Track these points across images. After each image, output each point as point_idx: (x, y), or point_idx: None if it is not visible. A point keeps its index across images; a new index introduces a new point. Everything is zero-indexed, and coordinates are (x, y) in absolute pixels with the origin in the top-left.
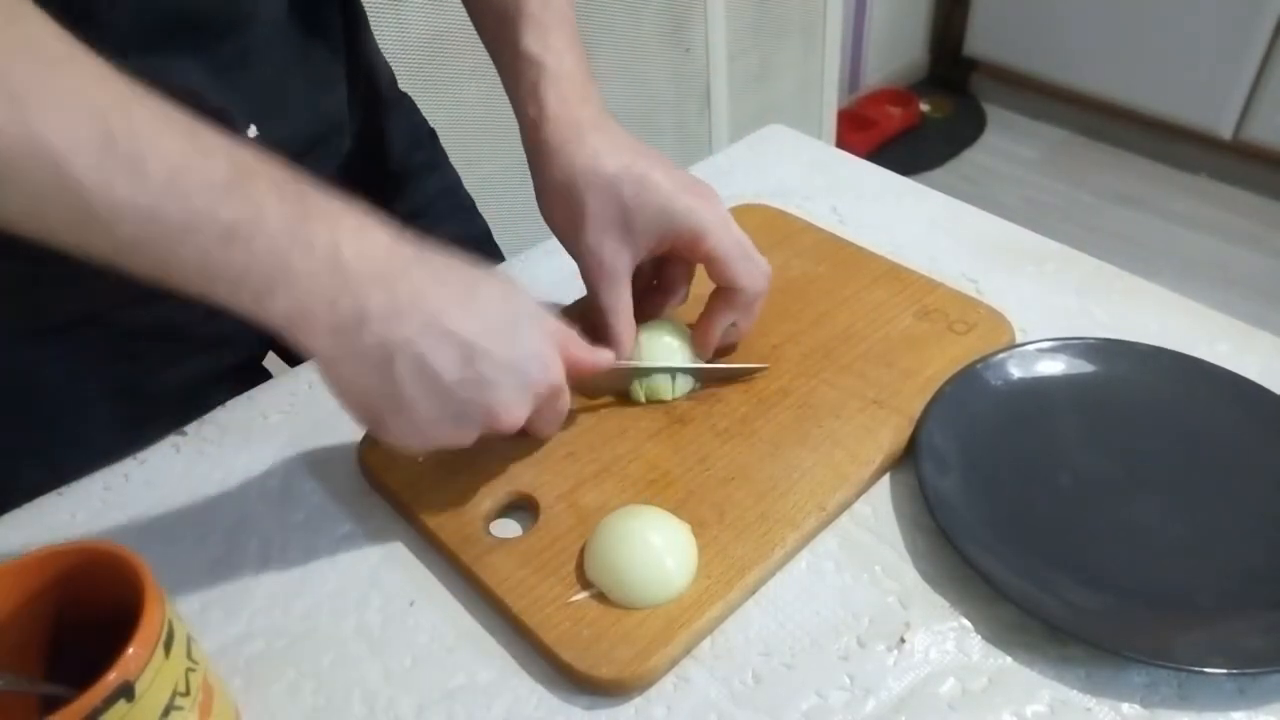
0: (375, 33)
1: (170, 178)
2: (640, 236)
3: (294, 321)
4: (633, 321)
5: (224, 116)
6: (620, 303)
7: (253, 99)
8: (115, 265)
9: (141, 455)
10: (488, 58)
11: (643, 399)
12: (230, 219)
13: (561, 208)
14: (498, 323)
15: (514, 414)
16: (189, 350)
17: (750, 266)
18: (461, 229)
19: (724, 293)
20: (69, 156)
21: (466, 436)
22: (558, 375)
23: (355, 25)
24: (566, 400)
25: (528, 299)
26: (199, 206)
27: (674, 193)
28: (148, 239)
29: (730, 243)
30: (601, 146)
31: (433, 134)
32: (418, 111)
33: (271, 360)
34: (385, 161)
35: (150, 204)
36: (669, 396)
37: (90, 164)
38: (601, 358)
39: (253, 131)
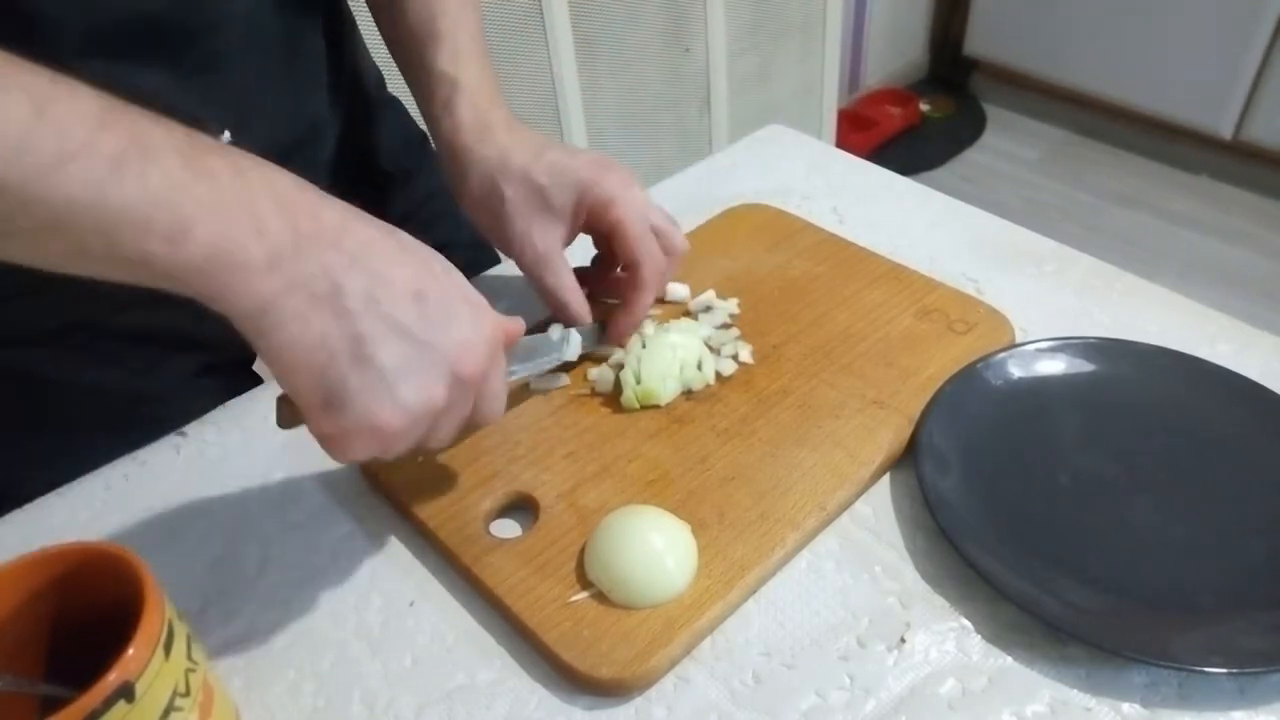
0: (370, 34)
1: (36, 111)
2: (560, 212)
3: (220, 261)
4: (581, 293)
5: (193, 122)
6: (564, 279)
7: (226, 104)
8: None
9: (141, 455)
10: None
11: (637, 405)
12: (115, 147)
13: (484, 205)
14: (430, 265)
15: (478, 357)
16: (178, 352)
17: (649, 245)
18: (451, 233)
19: (630, 270)
20: None
21: (437, 393)
22: (498, 334)
23: (341, 28)
24: (504, 378)
25: (442, 258)
26: (76, 137)
27: (583, 166)
28: (22, 181)
29: (635, 215)
30: (510, 144)
31: (423, 137)
32: (407, 114)
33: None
34: (373, 165)
35: (18, 136)
36: (664, 401)
37: None
38: (514, 321)
39: (226, 137)
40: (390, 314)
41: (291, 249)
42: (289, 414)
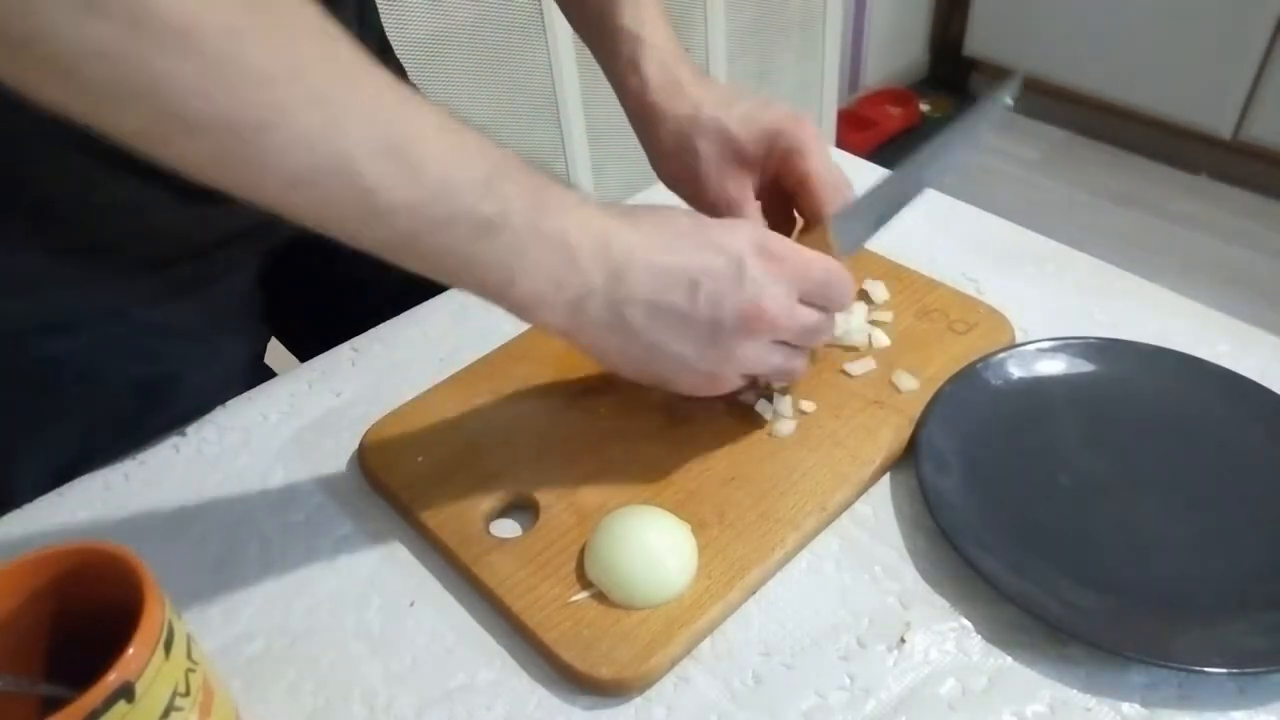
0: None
1: (442, 179)
2: (753, 163)
3: (530, 305)
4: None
5: None
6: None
7: None
8: (376, 254)
9: (141, 455)
10: (487, 59)
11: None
12: (486, 214)
13: (677, 160)
14: (698, 241)
15: (771, 305)
16: (207, 344)
17: (838, 199)
18: None
19: (808, 224)
20: (363, 163)
21: (739, 352)
22: (780, 260)
23: (365, 21)
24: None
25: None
26: (462, 204)
27: (775, 118)
28: (416, 232)
29: (826, 167)
30: (702, 96)
31: None
32: None
33: (274, 356)
34: None
35: (423, 201)
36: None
37: (378, 170)
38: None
39: None
40: (672, 313)
41: (583, 297)
42: None
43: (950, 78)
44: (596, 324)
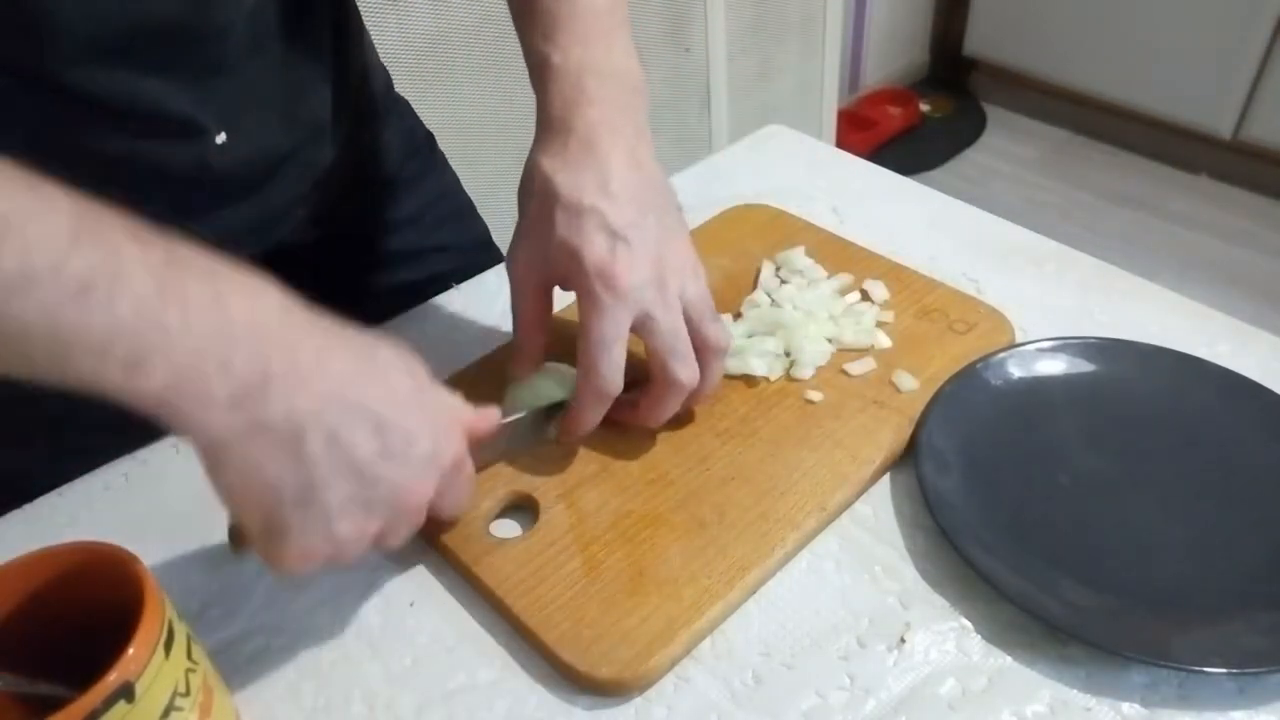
0: (374, 34)
1: (3, 228)
2: (551, 266)
3: (178, 396)
4: (534, 331)
5: (188, 124)
6: (524, 310)
7: (223, 107)
8: None
9: (141, 455)
10: (487, 59)
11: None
12: (82, 269)
13: (520, 196)
14: (403, 392)
15: (421, 493)
16: None
17: (674, 362)
18: (458, 234)
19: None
20: None
21: (367, 530)
22: (460, 447)
23: (346, 31)
24: (471, 474)
25: (420, 366)
26: (42, 259)
27: (592, 250)
28: None
29: (605, 335)
30: (574, 160)
31: (430, 137)
32: (414, 116)
33: None
34: (379, 168)
35: None
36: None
37: None
38: (485, 418)
39: (221, 138)
40: (348, 455)
41: (258, 390)
42: (241, 539)
43: (950, 78)
44: (264, 432)
